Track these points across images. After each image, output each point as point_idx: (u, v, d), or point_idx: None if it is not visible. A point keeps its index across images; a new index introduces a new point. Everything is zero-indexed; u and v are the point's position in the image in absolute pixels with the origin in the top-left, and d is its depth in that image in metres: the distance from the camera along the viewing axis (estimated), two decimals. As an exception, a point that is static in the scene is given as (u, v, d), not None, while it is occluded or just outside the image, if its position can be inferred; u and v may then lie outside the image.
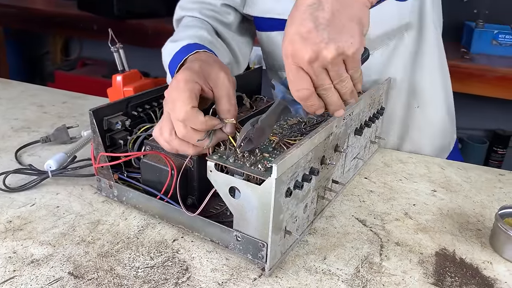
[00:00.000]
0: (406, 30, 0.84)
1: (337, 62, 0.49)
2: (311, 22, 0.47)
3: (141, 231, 0.62)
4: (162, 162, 0.62)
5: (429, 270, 0.57)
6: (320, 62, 0.48)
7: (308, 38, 0.48)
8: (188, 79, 0.57)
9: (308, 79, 0.50)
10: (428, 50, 0.87)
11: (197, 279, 0.53)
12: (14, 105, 1.08)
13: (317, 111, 0.53)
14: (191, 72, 0.58)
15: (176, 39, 0.77)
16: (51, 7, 2.52)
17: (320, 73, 0.49)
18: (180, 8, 0.90)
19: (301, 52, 0.48)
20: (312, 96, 0.51)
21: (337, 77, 0.50)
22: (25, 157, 0.82)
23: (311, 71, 0.49)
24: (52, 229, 0.62)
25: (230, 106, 0.58)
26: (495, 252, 0.61)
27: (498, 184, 0.80)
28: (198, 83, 0.57)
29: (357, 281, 0.55)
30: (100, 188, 0.70)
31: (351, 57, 0.49)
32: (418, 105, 0.90)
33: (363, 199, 0.73)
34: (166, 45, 0.79)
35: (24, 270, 0.54)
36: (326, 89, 0.51)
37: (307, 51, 0.48)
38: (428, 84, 0.89)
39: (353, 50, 0.48)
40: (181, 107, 0.55)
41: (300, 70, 0.50)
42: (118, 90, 0.87)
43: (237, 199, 0.54)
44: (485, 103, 2.00)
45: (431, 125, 0.92)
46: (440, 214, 0.70)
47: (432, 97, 0.90)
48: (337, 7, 0.48)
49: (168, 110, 0.58)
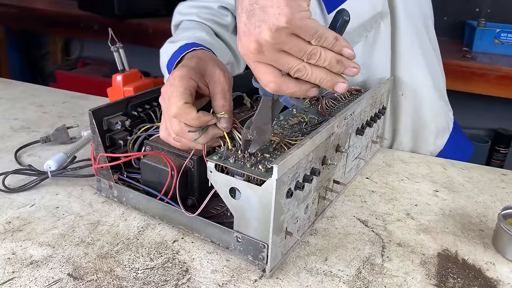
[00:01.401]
0: (381, 19, 0.84)
1: (283, 39, 0.45)
2: (244, 14, 0.46)
3: (141, 232, 0.62)
4: (162, 162, 0.61)
5: (431, 271, 0.57)
6: (266, 47, 0.46)
7: (246, 31, 0.46)
8: (183, 76, 0.57)
9: (269, 70, 0.48)
10: (403, 37, 0.86)
11: (197, 281, 0.53)
12: (14, 105, 1.08)
13: (308, 94, 0.50)
14: (186, 69, 0.58)
15: (174, 40, 0.77)
16: (51, 7, 2.52)
17: (277, 57, 0.47)
18: (178, 13, 0.91)
19: (246, 47, 0.47)
20: (284, 84, 0.48)
21: (301, 53, 0.46)
22: (25, 158, 0.82)
23: (267, 59, 0.47)
24: (52, 230, 0.61)
25: (225, 102, 0.57)
26: (498, 253, 0.61)
27: (501, 184, 0.79)
28: (193, 79, 0.57)
29: (358, 282, 0.54)
30: (100, 188, 0.69)
31: (293, 27, 0.45)
32: (402, 93, 0.90)
33: (364, 200, 0.72)
34: (164, 46, 0.79)
35: (23, 272, 0.53)
36: (299, 69, 0.47)
37: (250, 42, 0.46)
38: (407, 72, 0.89)
39: (285, 19, 0.44)
40: (173, 103, 0.55)
41: (258, 63, 0.48)
42: (118, 90, 0.87)
43: (238, 200, 0.53)
44: (487, 102, 1.99)
45: (420, 109, 0.92)
46: (442, 214, 0.69)
47: (414, 84, 0.90)
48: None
49: (163, 107, 0.58)
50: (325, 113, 0.71)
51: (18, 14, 2.51)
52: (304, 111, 0.71)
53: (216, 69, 0.59)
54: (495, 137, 2.15)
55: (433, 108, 0.94)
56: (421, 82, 0.91)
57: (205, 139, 0.57)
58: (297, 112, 0.71)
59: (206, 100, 0.61)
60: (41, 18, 2.46)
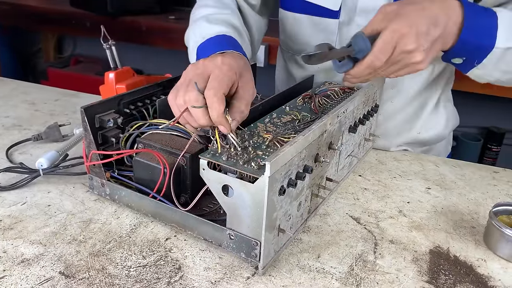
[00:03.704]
0: None
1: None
2: (426, 27, 0.60)
3: (133, 230, 0.61)
4: (155, 160, 0.61)
5: (423, 268, 0.57)
6: (406, 56, 0.61)
7: (419, 36, 0.60)
8: (232, 67, 0.59)
9: (390, 54, 0.61)
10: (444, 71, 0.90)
11: (190, 278, 0.53)
12: (5, 103, 1.07)
13: (361, 81, 0.66)
14: (236, 65, 0.61)
15: (211, 20, 0.79)
16: (43, 3, 2.50)
17: (394, 60, 0.62)
18: None
19: (408, 40, 0.59)
20: (377, 71, 0.64)
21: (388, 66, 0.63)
22: (16, 155, 0.81)
23: (395, 55, 0.61)
24: (43, 228, 0.61)
25: (245, 109, 0.59)
26: (489, 250, 0.61)
27: (492, 182, 0.80)
28: (236, 76, 0.59)
29: (351, 279, 0.54)
30: (92, 186, 0.69)
31: None
32: (419, 131, 0.92)
33: (357, 197, 0.73)
34: (197, 20, 0.81)
35: (14, 270, 0.53)
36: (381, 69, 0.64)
37: (412, 44, 0.60)
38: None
39: (425, 63, 0.63)
40: (214, 86, 0.56)
41: (393, 47, 0.60)
42: (110, 88, 0.86)
43: (230, 197, 0.53)
44: (479, 101, 2.00)
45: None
46: (434, 211, 0.70)
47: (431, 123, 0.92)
48: (440, 35, 0.62)
49: (191, 73, 0.59)
50: (318, 110, 0.71)
51: (10, 11, 2.49)
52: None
53: (251, 81, 0.62)
54: (488, 135, 2.16)
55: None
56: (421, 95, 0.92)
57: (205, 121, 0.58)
58: (289, 110, 0.71)
59: None
60: (32, 15, 2.44)
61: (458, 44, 0.65)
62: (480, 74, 0.71)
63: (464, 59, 0.68)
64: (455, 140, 2.12)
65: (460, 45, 0.65)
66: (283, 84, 1.03)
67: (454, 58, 0.69)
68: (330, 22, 0.84)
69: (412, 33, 0.60)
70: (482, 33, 0.65)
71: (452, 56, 0.68)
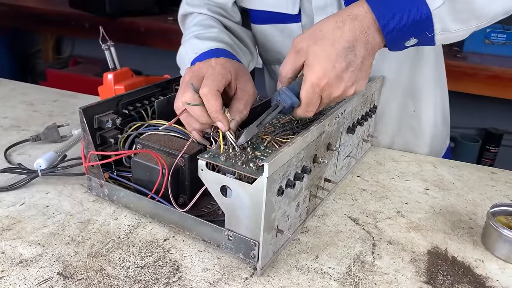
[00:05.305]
0: None
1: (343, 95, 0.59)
2: (345, 62, 0.56)
3: (131, 230, 0.61)
4: (153, 161, 0.61)
5: (421, 268, 0.57)
6: (337, 98, 0.59)
7: (341, 77, 0.56)
8: (224, 66, 0.59)
9: (318, 103, 0.59)
10: (426, 52, 0.87)
11: (188, 279, 0.53)
12: (3, 104, 1.07)
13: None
14: (229, 64, 0.61)
15: (201, 37, 0.78)
16: (42, 4, 2.50)
17: (327, 101, 0.60)
18: (186, 3, 0.91)
19: (333, 88, 0.57)
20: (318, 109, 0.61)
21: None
22: (15, 156, 0.81)
23: (325, 101, 0.59)
24: (42, 228, 0.61)
25: (244, 109, 0.60)
26: (487, 250, 0.61)
27: (490, 183, 0.80)
28: (230, 74, 0.60)
29: (349, 280, 0.54)
30: (90, 187, 0.69)
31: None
32: (414, 109, 0.91)
33: (355, 198, 0.73)
34: (189, 39, 0.80)
35: (13, 271, 0.53)
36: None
37: (339, 88, 0.57)
38: (424, 87, 0.89)
39: (361, 90, 0.59)
40: (208, 84, 0.57)
41: (319, 97, 0.58)
42: (109, 88, 0.86)
43: (229, 198, 0.53)
44: (477, 102, 2.01)
45: (424, 128, 0.93)
46: (432, 212, 0.70)
47: (427, 100, 0.91)
48: (364, 54, 0.57)
49: (188, 77, 0.60)
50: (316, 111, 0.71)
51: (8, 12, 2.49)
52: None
53: (250, 82, 0.62)
54: (486, 136, 2.17)
55: (436, 131, 0.94)
56: (433, 99, 0.91)
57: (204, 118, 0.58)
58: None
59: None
60: (31, 16, 2.44)
61: (387, 36, 0.56)
62: (449, 36, 0.59)
63: (412, 38, 0.58)
64: (453, 141, 2.12)
65: (390, 35, 0.56)
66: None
67: (404, 43, 0.59)
68: (293, 27, 0.84)
69: (331, 81, 0.56)
70: (403, 10, 0.55)
71: (396, 46, 0.59)
